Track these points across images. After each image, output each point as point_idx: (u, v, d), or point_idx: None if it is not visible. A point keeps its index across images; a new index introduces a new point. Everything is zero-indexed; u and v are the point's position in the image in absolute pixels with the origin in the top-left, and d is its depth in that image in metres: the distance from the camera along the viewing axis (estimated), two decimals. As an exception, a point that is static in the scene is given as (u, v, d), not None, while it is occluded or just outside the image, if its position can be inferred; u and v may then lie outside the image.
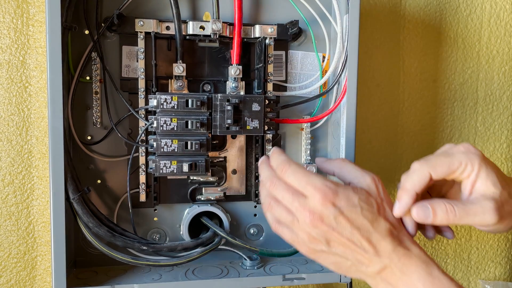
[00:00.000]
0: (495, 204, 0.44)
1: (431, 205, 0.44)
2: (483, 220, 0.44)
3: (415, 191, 0.45)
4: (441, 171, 0.45)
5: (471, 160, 0.45)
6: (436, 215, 0.44)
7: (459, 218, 0.44)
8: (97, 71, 0.59)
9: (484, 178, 0.45)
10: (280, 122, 0.64)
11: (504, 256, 0.89)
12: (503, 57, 0.84)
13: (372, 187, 0.46)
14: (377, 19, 0.79)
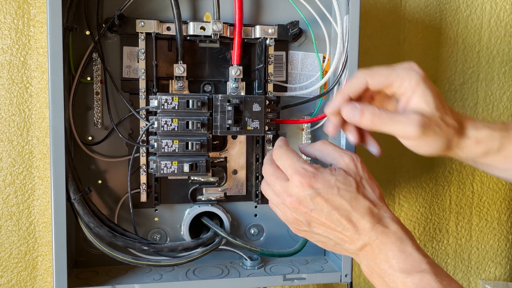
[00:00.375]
0: (422, 118, 0.45)
1: (360, 105, 0.46)
2: (405, 130, 0.45)
3: (348, 94, 0.48)
4: (378, 80, 0.47)
5: (410, 76, 0.46)
6: (363, 115, 0.46)
7: (384, 123, 0.45)
8: (98, 71, 0.59)
9: (419, 95, 0.46)
10: (281, 122, 0.64)
11: (505, 256, 0.89)
12: (503, 57, 0.84)
13: (351, 166, 0.47)
14: (377, 20, 0.79)
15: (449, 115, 0.46)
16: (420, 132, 0.45)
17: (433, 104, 0.46)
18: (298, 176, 0.45)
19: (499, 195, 0.87)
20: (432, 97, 0.46)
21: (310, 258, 0.67)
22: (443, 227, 0.86)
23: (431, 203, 0.85)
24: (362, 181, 0.46)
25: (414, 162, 0.83)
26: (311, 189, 0.44)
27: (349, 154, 0.47)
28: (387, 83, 0.47)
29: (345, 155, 0.47)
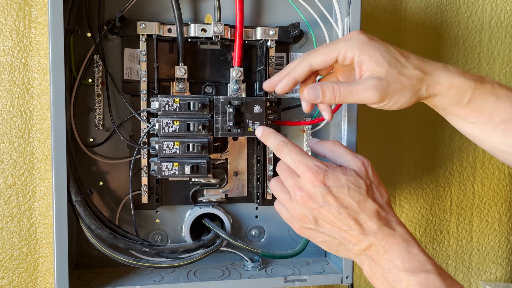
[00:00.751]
0: (378, 82, 0.46)
1: (320, 86, 0.48)
2: (366, 98, 0.47)
3: (294, 79, 0.51)
4: (320, 60, 0.49)
5: (350, 47, 0.47)
6: (324, 95, 0.48)
7: (344, 96, 0.47)
8: (99, 73, 0.59)
9: (368, 59, 0.47)
10: (282, 124, 0.64)
11: (505, 258, 0.89)
12: (503, 59, 0.84)
13: (362, 170, 0.47)
14: (378, 21, 0.79)
15: (408, 67, 0.47)
16: (380, 95, 0.46)
17: (385, 63, 0.46)
18: (310, 173, 0.45)
19: (500, 196, 0.87)
20: (381, 56, 0.47)
21: (311, 260, 0.67)
22: (444, 228, 0.86)
23: (432, 204, 0.85)
24: (372, 185, 0.46)
25: (415, 163, 0.83)
26: (323, 186, 0.45)
27: (361, 159, 0.48)
28: (330, 60, 0.49)
29: (357, 159, 0.48)
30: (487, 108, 0.48)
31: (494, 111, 0.48)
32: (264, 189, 0.65)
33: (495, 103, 0.48)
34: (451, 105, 0.48)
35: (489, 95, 0.48)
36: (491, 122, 0.48)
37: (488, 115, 0.48)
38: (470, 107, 0.48)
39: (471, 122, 0.49)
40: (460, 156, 0.85)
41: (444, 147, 0.84)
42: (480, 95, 0.47)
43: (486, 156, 0.86)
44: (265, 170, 0.65)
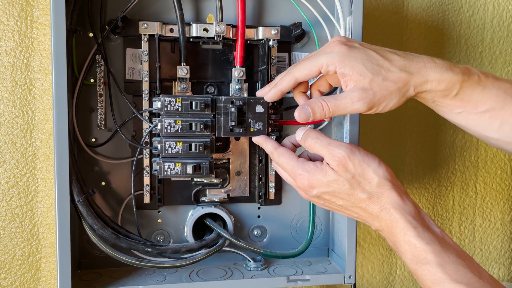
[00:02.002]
0: (363, 93, 0.47)
1: (309, 105, 0.50)
2: (355, 110, 0.48)
3: (281, 90, 0.53)
4: (304, 74, 0.51)
5: (331, 60, 0.48)
6: (315, 114, 0.49)
7: (333, 111, 0.49)
8: (101, 73, 0.59)
9: (349, 71, 0.47)
10: (284, 123, 0.64)
11: (508, 257, 0.89)
12: (506, 58, 0.84)
13: (339, 167, 0.49)
14: (380, 20, 0.79)
15: (393, 71, 0.47)
16: (367, 105, 0.47)
17: (368, 72, 0.47)
18: (298, 182, 0.51)
19: (502, 195, 0.87)
20: (363, 65, 0.47)
21: (314, 260, 0.67)
22: (446, 228, 0.86)
23: (434, 204, 0.85)
24: (354, 177, 0.48)
25: (417, 163, 0.83)
26: (313, 190, 0.50)
27: (337, 156, 0.48)
28: (313, 73, 0.50)
29: (332, 158, 0.48)
30: (473, 98, 0.49)
31: (480, 101, 0.48)
32: (267, 189, 0.65)
33: (481, 94, 0.48)
34: (439, 98, 0.49)
35: (476, 86, 0.48)
36: (476, 111, 0.49)
37: (474, 105, 0.49)
38: (458, 99, 0.49)
39: (458, 112, 0.50)
40: (462, 156, 0.85)
41: (446, 146, 0.84)
42: (467, 87, 0.48)
43: (489, 156, 0.86)
44: (267, 170, 0.64)
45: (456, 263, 0.43)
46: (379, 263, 0.84)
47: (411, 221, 0.45)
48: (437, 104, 0.51)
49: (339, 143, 0.49)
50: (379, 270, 0.84)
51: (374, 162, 0.48)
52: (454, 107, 0.50)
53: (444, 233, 0.46)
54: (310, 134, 0.51)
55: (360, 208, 0.49)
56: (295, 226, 0.68)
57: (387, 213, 0.47)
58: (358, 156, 0.48)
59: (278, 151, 0.53)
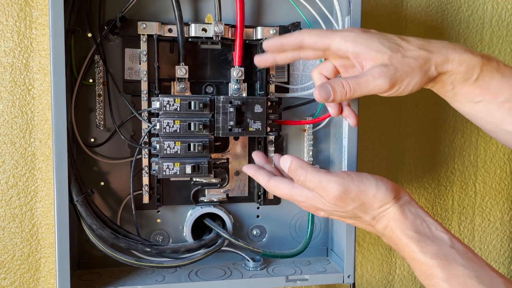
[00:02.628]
0: (385, 69, 0.45)
1: (329, 83, 0.46)
2: (377, 87, 0.45)
3: (282, 41, 0.51)
4: (313, 40, 0.49)
5: (344, 37, 0.47)
6: (335, 92, 0.46)
7: (354, 89, 0.46)
8: (100, 73, 0.59)
9: (365, 49, 0.46)
10: (283, 123, 0.64)
11: (508, 256, 0.89)
12: (505, 57, 0.84)
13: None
14: (378, 20, 0.79)
15: (411, 49, 0.46)
16: (390, 81, 0.45)
17: (387, 49, 0.45)
18: (303, 207, 0.52)
19: (502, 195, 0.87)
20: (380, 43, 0.46)
21: (313, 259, 0.67)
22: (445, 227, 0.85)
23: (433, 203, 0.85)
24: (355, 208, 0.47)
25: (416, 162, 0.83)
26: (321, 212, 0.51)
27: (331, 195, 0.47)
28: (322, 44, 0.48)
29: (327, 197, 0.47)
30: (492, 86, 0.47)
31: (499, 89, 0.47)
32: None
33: (500, 81, 0.47)
34: (459, 83, 0.47)
35: (495, 73, 0.47)
36: (495, 101, 0.47)
37: (494, 94, 0.47)
38: (477, 85, 0.47)
39: (477, 101, 0.48)
40: (462, 155, 0.85)
41: (445, 146, 0.84)
42: (487, 72, 0.47)
43: (488, 155, 0.86)
44: (266, 170, 0.64)
45: (464, 275, 0.42)
46: (378, 263, 0.84)
47: (413, 236, 0.44)
48: (455, 92, 0.49)
49: (330, 178, 0.46)
50: (378, 269, 0.84)
51: (371, 187, 0.46)
52: (474, 95, 0.48)
53: (455, 239, 0.45)
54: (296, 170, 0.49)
55: (369, 226, 0.49)
56: (294, 226, 0.68)
57: (390, 230, 0.46)
58: (353, 190, 0.46)
59: (271, 184, 0.51)
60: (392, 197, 0.46)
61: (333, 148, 0.67)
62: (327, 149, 0.68)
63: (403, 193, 0.47)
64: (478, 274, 0.41)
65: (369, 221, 0.48)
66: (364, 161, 0.80)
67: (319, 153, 0.67)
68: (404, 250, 0.45)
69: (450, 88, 0.48)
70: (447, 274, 0.42)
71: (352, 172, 0.48)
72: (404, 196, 0.47)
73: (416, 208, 0.47)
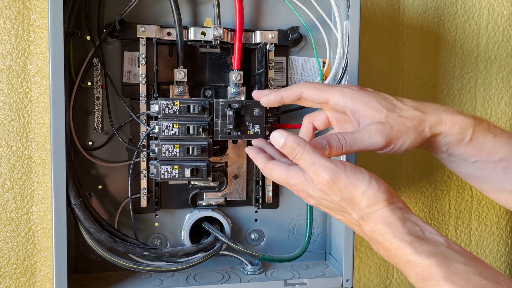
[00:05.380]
0: (381, 126, 0.45)
1: (325, 138, 0.47)
2: (373, 143, 0.46)
3: (282, 96, 0.51)
4: (312, 93, 0.49)
5: (344, 93, 0.48)
6: (331, 146, 0.46)
7: (350, 146, 0.46)
8: (98, 76, 0.59)
9: (363, 106, 0.47)
10: (281, 127, 0.64)
11: (504, 261, 0.89)
12: (501, 62, 0.85)
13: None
14: (376, 25, 0.79)
15: (407, 110, 0.47)
16: (386, 139, 0.45)
17: (383, 108, 0.46)
18: (295, 192, 0.49)
19: (498, 199, 0.88)
20: (377, 102, 0.47)
21: (311, 263, 0.67)
22: (442, 231, 0.86)
23: (430, 207, 0.85)
24: (342, 200, 0.45)
25: (413, 166, 0.83)
26: (311, 200, 0.49)
27: (321, 179, 0.45)
28: (321, 98, 0.49)
29: (317, 180, 0.46)
30: (486, 146, 0.48)
31: (493, 149, 0.48)
32: (264, 192, 0.65)
33: (493, 141, 0.48)
34: (454, 145, 0.48)
35: (487, 133, 0.48)
36: (491, 160, 0.48)
37: (488, 153, 0.48)
38: (472, 146, 0.48)
39: (473, 162, 0.49)
40: (458, 160, 0.85)
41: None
42: (479, 132, 0.48)
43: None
44: (265, 173, 0.64)
45: (466, 271, 0.39)
46: (376, 267, 0.84)
47: (405, 238, 0.41)
48: (450, 153, 0.49)
49: (323, 162, 0.44)
50: (376, 273, 0.84)
51: (363, 183, 0.44)
52: (468, 155, 0.49)
53: (450, 241, 0.42)
54: (293, 147, 0.46)
55: (357, 226, 0.46)
56: (293, 230, 0.68)
57: (379, 234, 0.43)
58: (343, 180, 0.44)
59: (267, 167, 0.50)
60: (384, 199, 0.44)
61: (331, 152, 0.67)
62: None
63: (397, 199, 0.45)
64: (480, 270, 0.39)
65: (357, 220, 0.45)
66: (362, 164, 0.79)
67: (317, 157, 0.67)
68: (396, 254, 0.42)
69: (445, 149, 0.49)
70: (447, 271, 0.39)
71: (349, 163, 0.46)
72: (397, 202, 0.45)
73: (409, 214, 0.44)
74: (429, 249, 0.40)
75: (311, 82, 0.51)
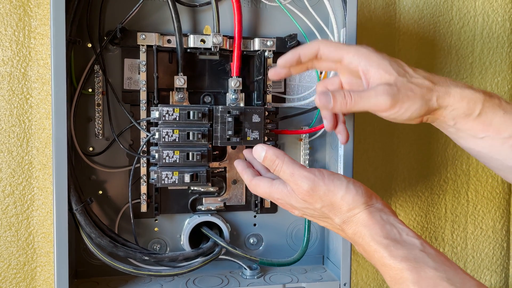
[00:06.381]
0: (388, 87, 0.46)
1: (331, 92, 0.47)
2: (378, 103, 0.46)
3: (299, 53, 0.51)
4: (328, 49, 0.50)
5: (358, 52, 0.48)
6: (336, 101, 0.47)
7: (355, 101, 0.47)
8: (99, 83, 0.60)
9: (375, 67, 0.47)
10: (280, 133, 0.65)
11: (500, 264, 0.90)
12: (495, 68, 0.86)
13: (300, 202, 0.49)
14: (372, 32, 0.80)
15: (417, 77, 0.47)
16: (391, 100, 0.45)
17: (394, 71, 0.47)
18: (281, 206, 0.52)
19: (494, 203, 0.89)
20: (390, 65, 0.47)
21: (309, 267, 0.68)
22: (439, 235, 0.87)
23: (426, 211, 0.86)
24: (324, 207, 0.47)
25: (409, 171, 0.84)
26: (295, 211, 0.51)
27: (300, 189, 0.47)
28: (336, 55, 0.49)
29: (297, 190, 0.47)
30: (495, 122, 0.47)
31: (502, 125, 0.47)
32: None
33: (503, 117, 0.47)
34: (461, 118, 0.48)
35: (497, 109, 0.47)
36: (499, 137, 0.48)
37: (497, 130, 0.48)
38: (480, 121, 0.48)
39: (481, 137, 0.49)
40: (454, 164, 0.86)
41: (438, 155, 0.85)
42: (489, 108, 0.47)
43: (480, 164, 0.87)
44: (263, 179, 0.65)
45: (434, 277, 0.40)
46: (373, 271, 0.84)
47: (382, 241, 0.43)
48: (458, 127, 0.49)
49: (302, 172, 0.46)
50: (373, 277, 0.85)
51: (341, 189, 0.46)
52: (477, 131, 0.48)
53: (426, 244, 0.43)
54: (273, 159, 0.48)
55: (340, 230, 0.48)
56: (291, 234, 0.69)
57: (359, 237, 0.45)
58: (322, 188, 0.46)
59: (252, 183, 0.52)
60: (362, 202, 0.45)
61: (328, 157, 0.68)
62: (323, 158, 0.69)
63: (376, 199, 0.46)
64: (449, 276, 0.40)
65: (339, 224, 0.46)
66: (359, 170, 0.81)
67: (315, 162, 0.68)
68: (374, 256, 0.43)
69: (452, 124, 0.49)
70: (417, 276, 0.40)
71: (326, 171, 0.48)
72: (376, 203, 0.46)
73: (388, 215, 0.45)
74: (403, 253, 0.42)
75: (327, 40, 0.52)
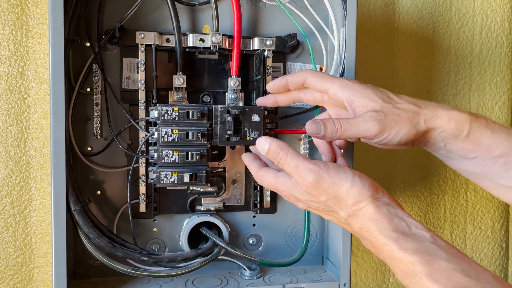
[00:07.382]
0: (375, 114, 0.47)
1: (321, 120, 0.49)
2: (366, 129, 0.47)
3: (287, 80, 0.54)
4: (315, 80, 0.52)
5: (342, 83, 0.50)
6: (326, 128, 0.48)
7: (345, 129, 0.47)
8: (97, 82, 0.59)
9: (359, 96, 0.49)
10: (279, 132, 0.64)
11: (499, 265, 0.90)
12: (494, 69, 0.86)
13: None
14: (372, 32, 0.80)
15: (402, 103, 0.48)
16: (379, 126, 0.46)
17: (379, 99, 0.48)
18: (286, 198, 0.52)
19: (493, 203, 0.89)
20: (373, 93, 0.48)
21: (309, 268, 0.68)
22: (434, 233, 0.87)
23: (426, 212, 0.86)
24: (329, 200, 0.47)
25: (409, 171, 0.84)
26: (300, 203, 0.51)
27: (305, 182, 0.47)
28: (322, 85, 0.51)
29: (301, 183, 0.47)
30: (484, 141, 0.48)
31: (491, 144, 0.48)
32: (262, 197, 0.65)
33: (491, 137, 0.48)
34: (451, 140, 0.48)
35: (485, 128, 0.48)
36: (490, 156, 0.48)
37: (487, 149, 0.48)
38: (469, 141, 0.48)
39: (472, 157, 0.49)
40: (453, 164, 0.86)
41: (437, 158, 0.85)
42: (476, 128, 0.48)
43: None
44: (263, 179, 0.65)
45: (448, 269, 0.39)
46: (372, 271, 0.84)
47: (391, 235, 0.42)
48: (448, 149, 0.49)
49: (306, 165, 0.46)
50: (372, 278, 0.84)
51: (346, 181, 0.45)
52: (467, 151, 0.49)
53: (436, 236, 0.42)
54: (277, 152, 0.49)
55: (346, 224, 0.47)
56: (290, 235, 0.69)
57: (366, 231, 0.44)
58: (327, 180, 0.46)
59: (259, 174, 0.52)
60: (368, 195, 0.45)
61: (328, 157, 0.68)
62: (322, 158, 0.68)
63: (382, 193, 0.46)
64: (463, 267, 0.39)
65: (345, 218, 0.46)
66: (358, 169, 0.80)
67: (314, 162, 0.68)
68: (383, 250, 0.43)
69: (443, 145, 0.49)
70: (430, 268, 0.39)
71: (332, 163, 0.47)
72: (383, 197, 0.45)
73: (395, 209, 0.45)
74: (413, 246, 0.41)
75: (315, 70, 0.54)
